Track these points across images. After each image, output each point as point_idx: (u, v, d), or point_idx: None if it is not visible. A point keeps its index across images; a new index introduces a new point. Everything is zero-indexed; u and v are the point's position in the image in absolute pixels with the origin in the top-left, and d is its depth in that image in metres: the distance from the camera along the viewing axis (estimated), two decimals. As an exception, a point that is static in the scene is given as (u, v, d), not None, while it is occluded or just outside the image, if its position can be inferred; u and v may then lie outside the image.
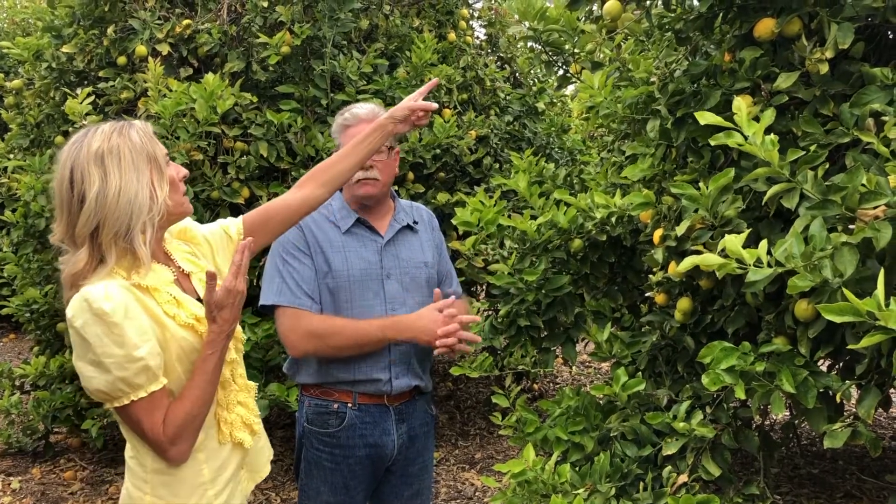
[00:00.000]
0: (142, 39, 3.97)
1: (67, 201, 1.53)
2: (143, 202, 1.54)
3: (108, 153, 1.52)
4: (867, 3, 2.04)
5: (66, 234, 1.55)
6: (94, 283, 1.51)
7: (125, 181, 1.52)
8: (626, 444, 2.43)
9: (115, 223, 1.51)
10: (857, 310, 1.40)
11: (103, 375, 1.51)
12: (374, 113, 2.25)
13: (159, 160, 1.59)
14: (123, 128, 1.57)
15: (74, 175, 1.52)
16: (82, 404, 3.99)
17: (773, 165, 1.78)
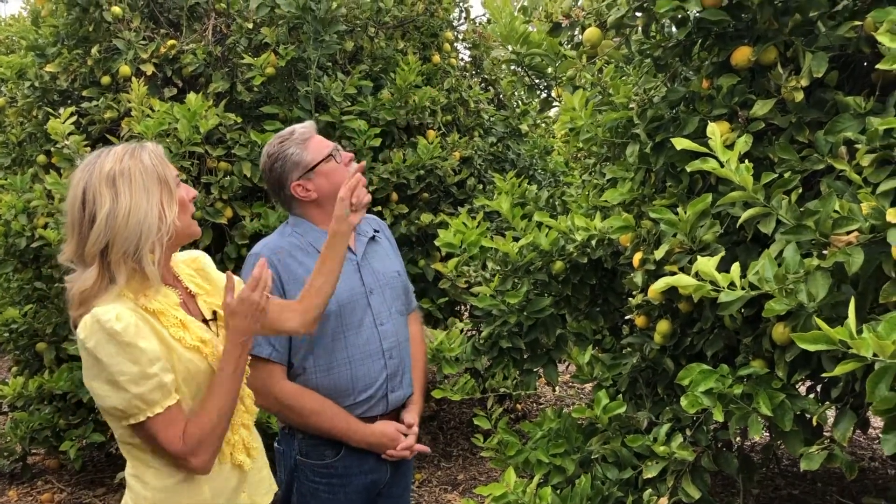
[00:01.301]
0: (126, 59, 3.98)
1: (79, 220, 1.57)
2: (153, 223, 1.58)
3: (120, 175, 1.56)
4: (841, 33, 2.09)
5: (75, 252, 1.59)
6: (104, 304, 1.55)
7: (135, 202, 1.56)
8: (607, 466, 2.43)
9: (125, 242, 1.55)
10: (830, 338, 1.43)
11: (118, 394, 1.54)
12: (314, 126, 2.24)
13: (169, 182, 1.63)
14: (135, 150, 1.62)
15: (87, 195, 1.56)
16: (61, 426, 3.94)
17: (747, 190, 1.81)
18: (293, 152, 2.13)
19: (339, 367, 2.12)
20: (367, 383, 2.15)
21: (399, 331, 2.24)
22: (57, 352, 3.90)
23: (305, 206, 2.17)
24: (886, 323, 1.45)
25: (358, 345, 2.14)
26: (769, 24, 2.15)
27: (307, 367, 2.12)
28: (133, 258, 1.57)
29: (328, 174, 2.14)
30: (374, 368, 2.16)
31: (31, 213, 3.68)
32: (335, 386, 2.12)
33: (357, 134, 3.95)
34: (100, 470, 4.41)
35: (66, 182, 1.65)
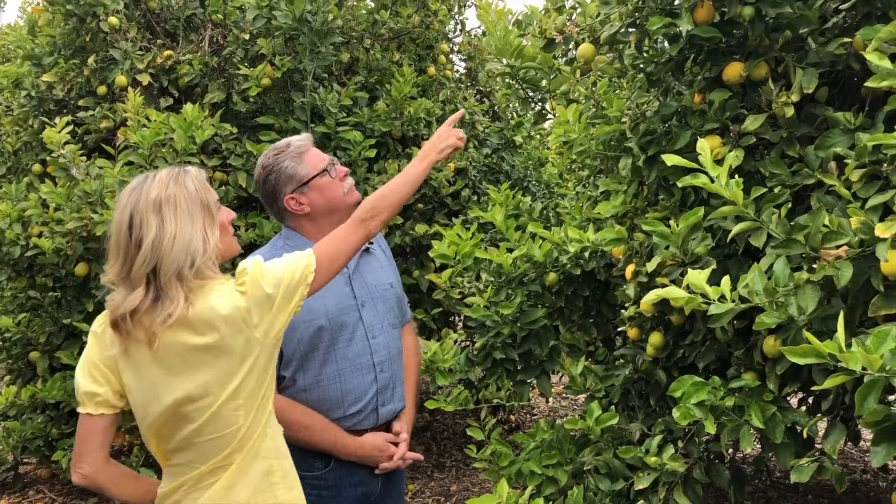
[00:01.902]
0: (122, 69, 3.99)
1: (125, 245, 1.62)
2: (197, 247, 1.63)
3: (166, 201, 1.62)
4: (831, 49, 2.12)
5: (120, 274, 1.63)
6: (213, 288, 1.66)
7: (180, 228, 1.62)
8: (600, 478, 2.44)
9: (171, 266, 1.60)
10: (820, 352, 1.44)
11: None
12: (310, 138, 2.25)
13: (211, 207, 1.69)
14: (179, 175, 1.67)
15: (133, 220, 1.62)
16: (53, 435, 3.93)
17: (738, 205, 1.83)
18: (288, 165, 2.13)
19: (329, 380, 2.12)
20: (357, 396, 2.14)
21: (391, 344, 2.23)
22: (50, 361, 3.89)
23: (298, 219, 2.18)
24: (874, 337, 1.47)
25: (349, 358, 2.13)
26: (760, 40, 2.18)
27: (297, 380, 2.11)
28: (189, 273, 1.63)
29: (322, 189, 2.15)
30: (365, 382, 2.15)
31: (26, 222, 3.68)
32: (325, 399, 2.12)
33: (352, 145, 3.97)
34: (92, 480, 4.39)
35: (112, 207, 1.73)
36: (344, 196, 2.18)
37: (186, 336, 1.63)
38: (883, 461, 1.63)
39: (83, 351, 1.72)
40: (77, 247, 3.51)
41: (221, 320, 1.63)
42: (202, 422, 1.67)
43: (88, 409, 1.68)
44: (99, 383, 1.68)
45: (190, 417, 1.67)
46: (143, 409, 1.69)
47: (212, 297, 1.64)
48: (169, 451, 1.74)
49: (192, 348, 1.64)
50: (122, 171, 3.52)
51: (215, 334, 1.63)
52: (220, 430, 1.68)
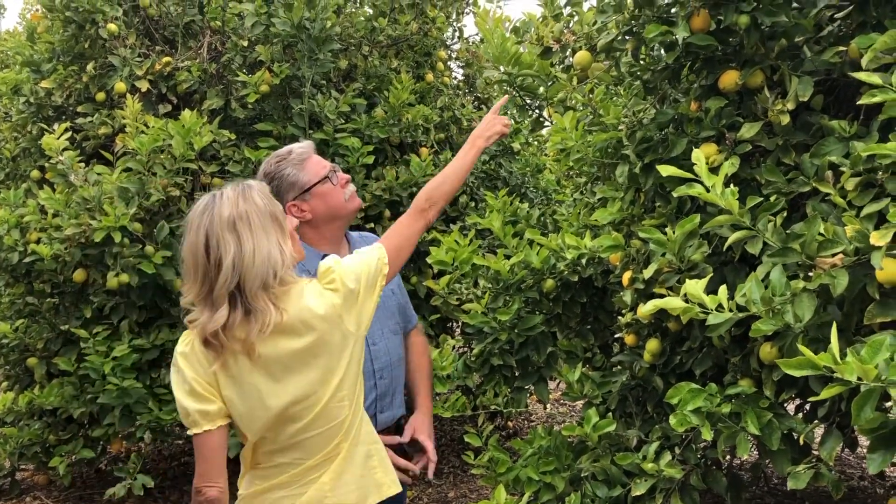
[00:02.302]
0: (121, 76, 4.01)
1: (203, 266, 1.65)
2: (276, 259, 1.68)
3: (239, 219, 1.66)
4: (826, 58, 2.13)
5: (199, 295, 1.67)
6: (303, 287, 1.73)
7: (257, 243, 1.66)
8: (597, 484, 2.44)
9: (256, 279, 1.65)
10: (815, 363, 1.45)
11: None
12: (311, 146, 2.26)
13: (279, 218, 1.74)
14: (245, 191, 1.71)
15: (210, 242, 1.65)
16: (50, 441, 3.93)
17: (734, 214, 1.84)
18: (290, 173, 2.15)
19: None
20: None
21: (391, 350, 2.23)
22: (48, 367, 3.88)
23: (299, 226, 2.18)
24: (869, 346, 1.47)
25: None
26: (756, 48, 2.20)
27: None
28: (267, 291, 1.67)
29: (324, 196, 2.16)
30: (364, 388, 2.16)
31: (24, 228, 3.68)
32: None
33: (350, 151, 3.97)
34: (89, 486, 4.39)
35: (184, 227, 1.75)
36: (345, 203, 2.20)
37: (285, 341, 1.68)
38: (880, 468, 1.64)
39: (172, 375, 1.73)
40: (75, 253, 3.51)
41: (319, 319, 1.69)
42: (310, 419, 1.73)
43: (206, 426, 1.69)
44: (208, 400, 1.69)
45: (297, 417, 1.72)
46: (247, 418, 1.71)
47: (304, 299, 1.70)
48: (271, 452, 1.77)
49: (293, 352, 1.69)
50: (120, 177, 3.52)
51: (314, 334, 1.69)
52: (328, 423, 1.74)
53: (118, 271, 3.47)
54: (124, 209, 3.42)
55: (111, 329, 3.66)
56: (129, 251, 3.45)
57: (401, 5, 4.65)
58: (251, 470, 1.80)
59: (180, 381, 1.70)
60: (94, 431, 3.75)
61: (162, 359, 3.78)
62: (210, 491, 1.68)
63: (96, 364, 3.48)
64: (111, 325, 3.68)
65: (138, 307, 3.69)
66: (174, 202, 3.68)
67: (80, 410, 3.64)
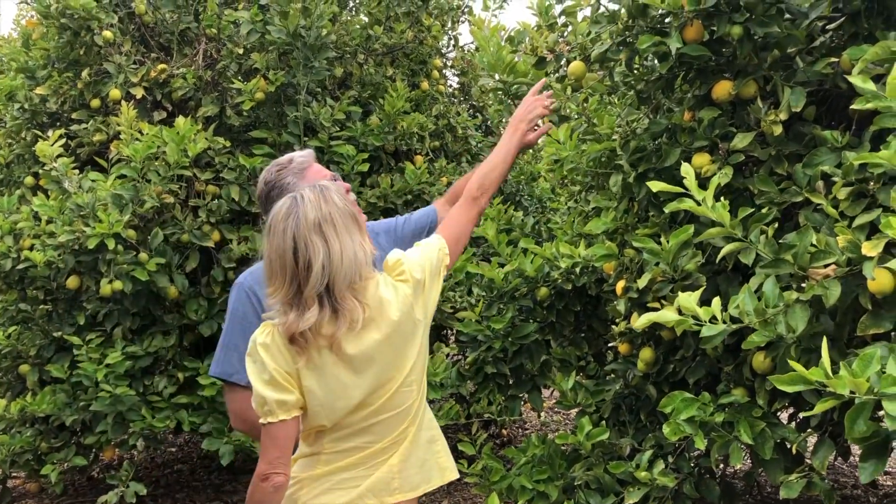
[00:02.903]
0: (116, 83, 4.00)
1: (292, 268, 1.69)
2: (361, 257, 1.73)
3: (324, 221, 1.71)
4: (818, 68, 2.14)
5: (288, 295, 1.69)
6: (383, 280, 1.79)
7: (343, 243, 1.71)
8: (590, 493, 2.45)
9: (344, 279, 1.70)
10: (807, 379, 1.45)
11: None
12: (312, 155, 2.26)
13: (357, 217, 1.79)
14: (325, 192, 1.75)
15: (298, 245, 1.69)
16: (42, 449, 3.91)
17: (725, 226, 1.84)
18: (290, 182, 2.14)
19: None
20: None
21: None
22: (40, 374, 3.87)
23: None
24: (861, 360, 1.48)
25: None
26: (749, 59, 2.21)
27: None
28: (352, 290, 1.72)
29: None
30: None
31: (18, 235, 3.67)
32: None
33: (345, 159, 3.98)
34: (81, 494, 4.37)
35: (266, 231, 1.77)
36: None
37: (368, 334, 1.73)
38: (871, 477, 1.64)
39: (249, 365, 1.74)
40: (69, 260, 3.50)
41: (396, 310, 1.75)
42: (380, 404, 1.78)
43: (281, 416, 1.73)
44: (287, 391, 1.73)
45: (371, 403, 1.77)
46: (328, 408, 1.75)
47: (381, 292, 1.76)
48: (339, 437, 1.80)
49: (375, 344, 1.74)
50: (114, 184, 3.52)
51: (392, 325, 1.75)
52: (398, 407, 1.80)
53: (112, 278, 3.46)
54: (118, 216, 3.42)
55: (104, 336, 3.64)
56: (122, 258, 3.44)
57: (396, 14, 4.66)
58: (312, 455, 1.83)
59: (259, 370, 1.73)
60: (86, 439, 3.73)
61: (155, 366, 3.77)
62: (277, 477, 1.72)
63: (89, 371, 3.47)
64: (104, 332, 3.67)
65: (132, 314, 3.68)
66: (168, 209, 3.68)
67: (73, 418, 3.62)
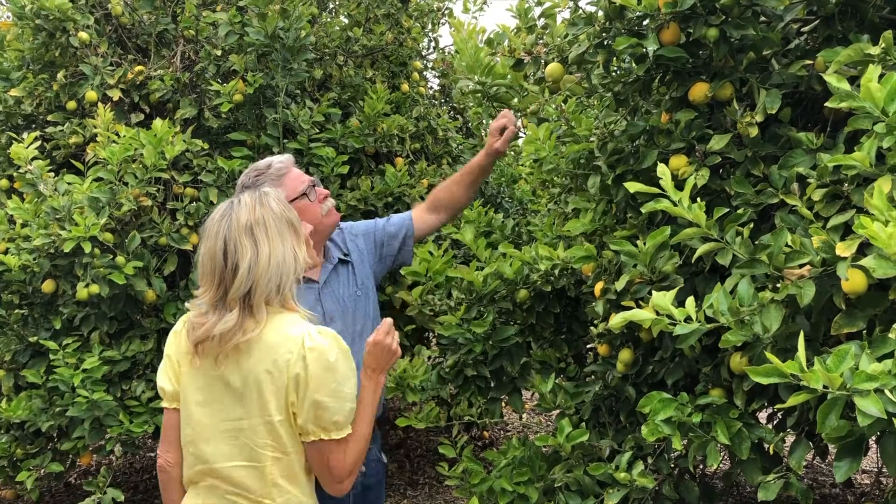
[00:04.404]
0: (92, 85, 3.96)
1: (220, 270, 1.68)
2: (290, 263, 1.72)
3: (256, 224, 1.70)
4: (793, 71, 2.16)
5: (213, 299, 1.69)
6: (295, 324, 1.71)
7: (273, 248, 1.69)
8: (570, 494, 2.44)
9: (267, 285, 1.68)
10: (782, 371, 1.46)
11: (343, 405, 1.71)
12: (291, 160, 2.26)
13: (295, 224, 1.78)
14: (262, 197, 1.75)
15: (227, 247, 1.68)
16: (17, 455, 3.85)
17: (701, 227, 1.85)
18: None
19: None
20: None
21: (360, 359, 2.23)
22: (16, 379, 3.81)
23: None
24: (835, 355, 1.49)
25: None
26: (725, 61, 2.22)
27: None
28: (276, 297, 1.70)
29: (301, 211, 2.15)
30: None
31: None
32: None
33: (325, 161, 3.96)
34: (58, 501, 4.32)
35: (201, 232, 1.79)
36: (322, 218, 2.20)
37: (247, 359, 1.68)
38: (846, 476, 1.65)
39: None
40: (44, 264, 3.46)
41: (273, 363, 1.67)
42: (234, 446, 1.71)
43: (165, 403, 1.80)
44: (170, 381, 1.76)
45: (224, 437, 1.72)
46: (184, 412, 1.75)
47: (282, 334, 1.69)
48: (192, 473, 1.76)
49: (248, 372, 1.68)
50: (90, 186, 3.48)
51: (267, 370, 1.68)
52: (250, 461, 1.72)
53: (88, 282, 3.42)
54: (95, 219, 3.38)
55: (81, 341, 3.60)
56: (99, 261, 3.41)
57: (376, 15, 4.65)
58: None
59: (165, 352, 1.79)
60: (63, 445, 3.68)
61: (133, 370, 3.73)
62: (161, 459, 1.77)
63: (66, 376, 3.42)
64: (81, 337, 3.63)
65: (109, 318, 3.64)
66: (146, 212, 3.64)
67: (49, 423, 3.57)
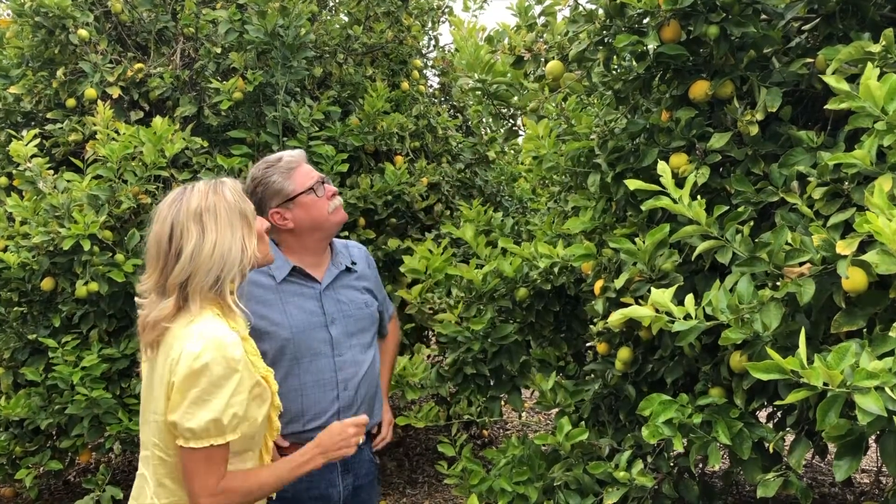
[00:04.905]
0: (92, 82, 3.95)
1: (164, 254, 1.64)
2: (236, 255, 1.67)
3: (206, 210, 1.65)
4: (794, 69, 2.16)
5: (157, 284, 1.66)
6: (208, 323, 1.62)
7: (220, 237, 1.65)
8: (570, 493, 2.44)
9: (207, 275, 1.63)
10: (782, 368, 1.46)
11: (202, 413, 1.59)
12: (303, 155, 2.26)
13: (248, 216, 1.73)
14: (217, 186, 1.71)
15: (174, 231, 1.64)
16: (17, 453, 3.85)
17: (701, 224, 1.85)
18: (276, 180, 2.16)
19: (291, 393, 2.12)
20: (317, 412, 2.14)
21: (359, 363, 2.22)
22: (15, 377, 3.81)
23: (281, 232, 2.21)
24: (835, 353, 1.49)
25: (312, 373, 2.14)
26: (726, 59, 2.22)
27: None
28: (213, 289, 1.65)
29: (307, 206, 2.17)
30: (326, 399, 2.15)
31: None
32: (285, 411, 2.11)
33: (324, 159, 3.95)
34: (57, 499, 4.31)
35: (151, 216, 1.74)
36: (328, 215, 2.21)
37: (159, 353, 1.66)
38: (846, 475, 1.65)
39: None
40: (43, 261, 3.45)
41: (169, 356, 1.64)
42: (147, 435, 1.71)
43: None
44: None
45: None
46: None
47: (184, 328, 1.63)
48: None
49: (158, 366, 1.67)
50: (90, 184, 3.47)
51: (164, 363, 1.65)
52: (144, 450, 1.73)
53: (87, 280, 3.42)
54: (94, 217, 3.38)
55: (80, 338, 3.60)
56: (98, 259, 3.40)
57: (376, 13, 4.64)
58: None
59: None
60: (62, 443, 3.68)
61: (132, 368, 3.72)
62: None
63: (65, 374, 3.42)
64: (80, 335, 3.62)
65: (108, 316, 3.64)
66: (145, 210, 3.63)
67: (48, 421, 3.57)
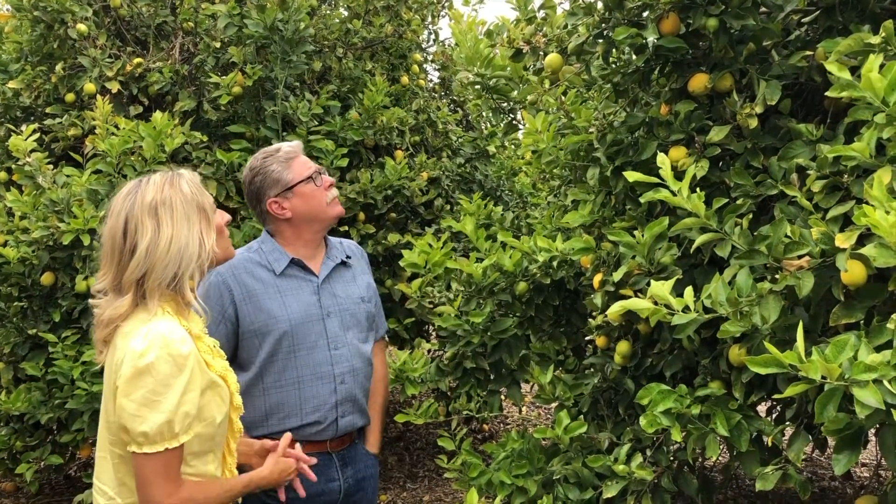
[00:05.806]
0: (91, 77, 3.95)
1: (119, 250, 1.58)
2: (193, 250, 1.60)
3: (162, 204, 1.58)
4: (793, 62, 2.15)
5: (113, 282, 1.60)
6: (160, 321, 1.56)
7: (176, 231, 1.58)
8: (569, 487, 2.44)
9: (164, 271, 1.57)
10: (781, 362, 1.46)
11: (154, 416, 1.53)
12: (300, 146, 2.27)
13: (207, 210, 1.66)
14: (174, 179, 1.64)
15: (128, 225, 1.58)
16: (17, 447, 3.85)
17: (700, 217, 1.84)
18: (274, 169, 2.17)
19: (288, 385, 2.14)
20: (315, 405, 2.15)
21: (355, 357, 2.23)
22: (15, 372, 3.81)
23: (279, 223, 2.22)
24: (833, 346, 1.48)
25: (309, 365, 2.15)
26: (725, 52, 2.21)
27: (258, 383, 2.14)
28: (170, 286, 1.59)
29: (305, 196, 2.18)
30: (324, 391, 2.16)
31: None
32: (283, 403, 2.14)
33: (324, 154, 3.95)
34: (57, 493, 4.32)
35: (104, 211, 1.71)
36: (326, 206, 2.22)
37: (111, 352, 1.62)
38: (845, 468, 1.65)
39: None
40: (43, 256, 3.46)
41: (116, 356, 1.59)
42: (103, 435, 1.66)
43: None
44: None
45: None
46: None
47: (133, 326, 1.58)
48: None
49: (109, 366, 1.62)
50: (90, 179, 3.48)
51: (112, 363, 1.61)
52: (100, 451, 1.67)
53: (87, 274, 3.42)
54: (94, 211, 3.38)
55: (80, 333, 3.60)
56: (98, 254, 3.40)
57: (375, 7, 4.64)
58: None
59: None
60: (62, 437, 3.68)
61: (132, 363, 3.73)
62: None
63: (65, 369, 3.42)
64: (80, 329, 3.62)
65: (108, 311, 3.64)
66: (145, 205, 3.64)
67: (48, 416, 3.57)
